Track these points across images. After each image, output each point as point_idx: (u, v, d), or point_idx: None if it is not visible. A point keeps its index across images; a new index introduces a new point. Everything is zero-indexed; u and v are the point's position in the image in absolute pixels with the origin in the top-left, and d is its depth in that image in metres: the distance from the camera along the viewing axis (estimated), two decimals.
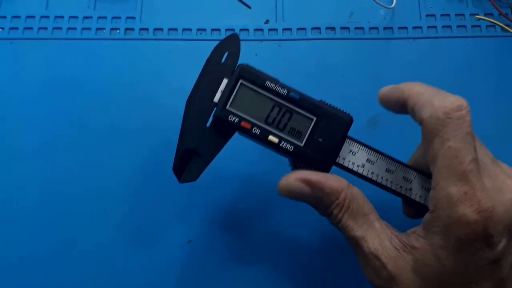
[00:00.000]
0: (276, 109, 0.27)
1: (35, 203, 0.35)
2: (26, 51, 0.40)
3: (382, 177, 0.28)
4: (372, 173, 0.28)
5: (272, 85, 0.27)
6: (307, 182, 0.26)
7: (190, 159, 0.28)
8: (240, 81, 0.27)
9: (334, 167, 0.28)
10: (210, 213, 0.35)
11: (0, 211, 0.35)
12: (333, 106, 0.28)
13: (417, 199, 0.27)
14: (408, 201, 0.28)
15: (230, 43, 0.28)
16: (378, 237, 0.25)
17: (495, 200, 0.22)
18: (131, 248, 0.34)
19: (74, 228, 0.35)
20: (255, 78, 0.27)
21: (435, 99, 0.24)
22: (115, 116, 0.38)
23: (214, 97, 0.27)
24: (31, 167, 0.36)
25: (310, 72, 0.39)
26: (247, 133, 0.27)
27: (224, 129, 0.28)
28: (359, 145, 0.28)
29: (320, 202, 0.26)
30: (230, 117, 0.27)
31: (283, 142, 0.27)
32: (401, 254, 0.24)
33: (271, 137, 0.27)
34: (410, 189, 0.28)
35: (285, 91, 0.27)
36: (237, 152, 0.32)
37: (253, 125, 0.27)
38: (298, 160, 0.27)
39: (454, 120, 0.23)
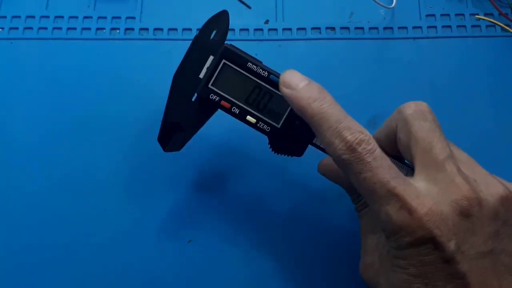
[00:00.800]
0: (257, 90, 0.28)
1: (35, 203, 0.35)
2: (26, 51, 0.40)
3: None
4: None
5: (254, 67, 0.28)
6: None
7: (174, 131, 0.29)
8: (223, 61, 0.28)
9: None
10: (211, 213, 0.35)
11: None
12: None
13: None
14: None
15: (220, 20, 0.29)
16: (375, 240, 0.27)
17: (438, 202, 0.23)
18: (131, 248, 0.34)
19: (73, 227, 0.35)
20: (238, 59, 0.28)
21: (334, 140, 0.24)
22: (115, 116, 0.38)
23: (200, 73, 0.29)
24: (30, 167, 0.36)
25: (310, 72, 0.38)
26: (227, 112, 0.28)
27: (207, 105, 0.29)
28: None
29: (352, 189, 0.28)
30: (211, 96, 0.28)
31: (260, 123, 0.28)
32: (384, 261, 0.26)
33: (249, 117, 0.28)
34: None
35: (266, 73, 0.28)
36: (238, 149, 0.32)
37: (233, 104, 0.28)
38: (275, 140, 0.29)
39: (358, 156, 0.23)
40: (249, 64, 0.28)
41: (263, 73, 0.28)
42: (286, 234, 0.35)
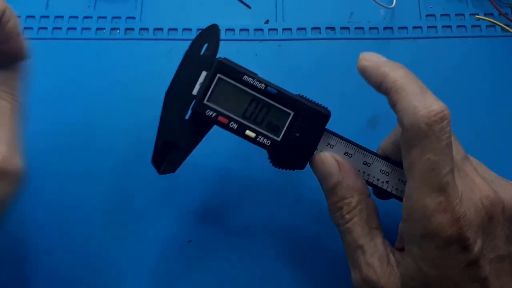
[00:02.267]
0: (254, 104, 0.28)
1: (34, 203, 0.35)
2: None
3: (359, 170, 0.28)
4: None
5: (250, 80, 0.27)
6: (339, 163, 0.27)
7: (169, 151, 0.28)
8: (218, 75, 0.27)
9: None
10: (211, 213, 0.35)
11: None
12: (311, 100, 0.28)
13: (394, 191, 0.28)
14: (384, 193, 0.28)
15: (210, 34, 0.28)
16: (378, 252, 0.26)
17: (466, 202, 0.22)
18: (131, 248, 0.34)
19: (72, 228, 0.35)
20: (233, 72, 0.27)
21: (418, 105, 0.23)
22: (115, 116, 0.38)
23: (193, 90, 0.28)
24: (30, 166, 0.36)
25: (310, 72, 0.39)
26: (225, 127, 0.28)
27: (202, 123, 0.28)
28: (337, 138, 0.28)
29: (337, 190, 0.26)
30: (208, 112, 0.27)
31: (260, 137, 0.28)
32: (394, 271, 0.25)
33: (248, 132, 0.27)
34: (387, 182, 0.28)
35: (263, 86, 0.27)
36: (237, 151, 0.32)
37: (230, 119, 0.27)
38: (275, 154, 0.28)
39: (436, 132, 0.22)
40: (245, 77, 0.27)
41: (260, 85, 0.27)
42: (286, 233, 0.35)
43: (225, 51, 0.40)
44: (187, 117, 0.28)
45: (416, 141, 0.23)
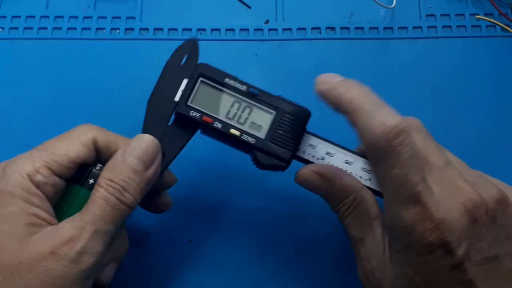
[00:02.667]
0: (236, 105, 0.28)
1: None
2: (26, 51, 0.40)
3: (341, 169, 0.28)
4: (332, 165, 0.28)
5: (232, 82, 0.28)
6: (321, 175, 0.27)
7: None
8: (200, 78, 0.28)
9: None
10: (211, 213, 0.35)
11: None
12: (291, 101, 0.29)
13: (377, 188, 0.28)
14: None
15: (189, 46, 0.29)
16: (376, 243, 0.26)
17: (446, 207, 0.23)
18: (131, 248, 0.34)
19: None
20: (215, 75, 0.28)
21: (373, 123, 0.23)
22: (115, 116, 0.37)
23: (174, 97, 0.28)
24: None
25: (310, 72, 0.39)
26: (209, 127, 0.28)
27: (186, 126, 0.28)
28: (318, 139, 0.29)
29: (331, 196, 0.27)
30: (192, 112, 0.28)
31: (244, 135, 0.28)
32: (388, 264, 0.25)
33: (232, 130, 0.28)
34: (370, 179, 0.28)
35: (245, 87, 0.28)
36: (237, 151, 0.32)
37: (215, 119, 0.28)
38: (260, 153, 0.28)
39: (395, 148, 0.23)
40: (227, 79, 0.28)
41: (241, 87, 0.28)
42: (287, 233, 0.35)
43: (225, 51, 0.40)
44: (170, 122, 0.28)
45: (380, 159, 0.23)
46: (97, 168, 0.27)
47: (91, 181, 0.27)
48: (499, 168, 0.30)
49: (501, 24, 0.40)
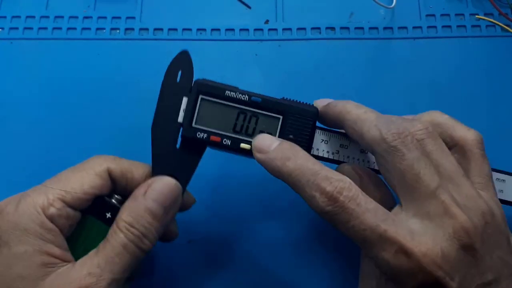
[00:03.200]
0: (242, 116, 0.28)
1: None
2: (26, 51, 0.40)
3: (358, 159, 0.29)
4: (348, 157, 0.29)
5: (233, 94, 0.27)
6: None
7: None
8: (200, 96, 0.27)
9: None
10: (211, 213, 0.35)
11: None
12: (296, 101, 0.28)
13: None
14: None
15: (181, 61, 0.28)
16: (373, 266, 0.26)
17: (434, 240, 0.22)
18: None
19: None
20: (214, 90, 0.27)
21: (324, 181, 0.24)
22: (115, 116, 0.38)
23: (178, 118, 0.27)
24: (31, 167, 0.36)
25: (310, 72, 0.39)
26: (218, 146, 0.28)
27: (195, 147, 0.28)
28: (330, 133, 0.29)
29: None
30: (198, 134, 0.27)
31: None
32: None
33: (243, 145, 0.28)
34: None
35: (246, 97, 0.27)
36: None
37: (223, 137, 0.27)
38: None
39: (348, 213, 0.23)
40: (227, 92, 0.27)
41: (243, 97, 0.27)
42: (287, 233, 0.35)
43: (225, 51, 0.40)
44: (178, 146, 0.28)
45: (336, 221, 0.24)
46: (113, 199, 0.27)
47: (108, 215, 0.26)
48: (498, 167, 0.30)
49: (501, 24, 0.40)
